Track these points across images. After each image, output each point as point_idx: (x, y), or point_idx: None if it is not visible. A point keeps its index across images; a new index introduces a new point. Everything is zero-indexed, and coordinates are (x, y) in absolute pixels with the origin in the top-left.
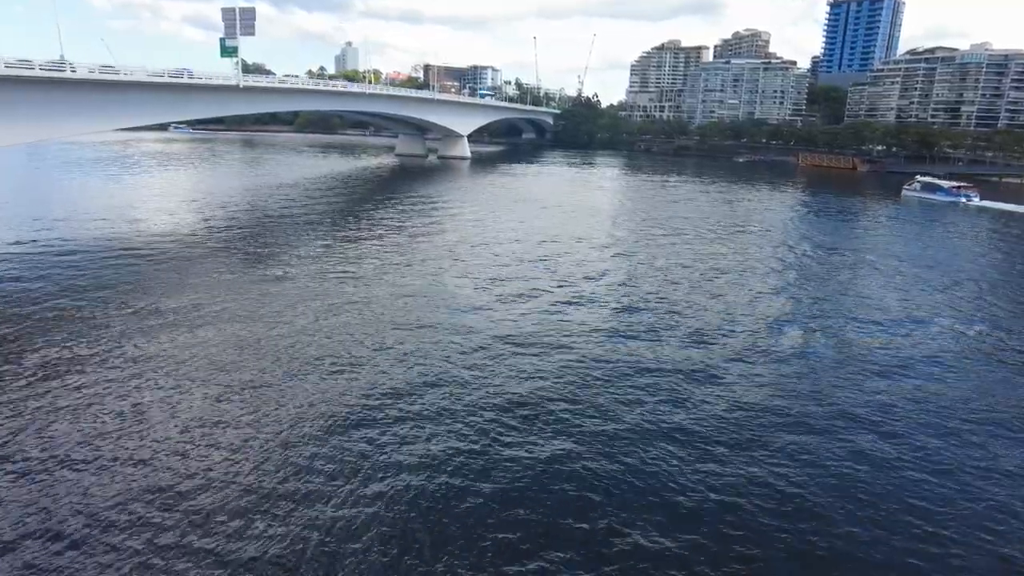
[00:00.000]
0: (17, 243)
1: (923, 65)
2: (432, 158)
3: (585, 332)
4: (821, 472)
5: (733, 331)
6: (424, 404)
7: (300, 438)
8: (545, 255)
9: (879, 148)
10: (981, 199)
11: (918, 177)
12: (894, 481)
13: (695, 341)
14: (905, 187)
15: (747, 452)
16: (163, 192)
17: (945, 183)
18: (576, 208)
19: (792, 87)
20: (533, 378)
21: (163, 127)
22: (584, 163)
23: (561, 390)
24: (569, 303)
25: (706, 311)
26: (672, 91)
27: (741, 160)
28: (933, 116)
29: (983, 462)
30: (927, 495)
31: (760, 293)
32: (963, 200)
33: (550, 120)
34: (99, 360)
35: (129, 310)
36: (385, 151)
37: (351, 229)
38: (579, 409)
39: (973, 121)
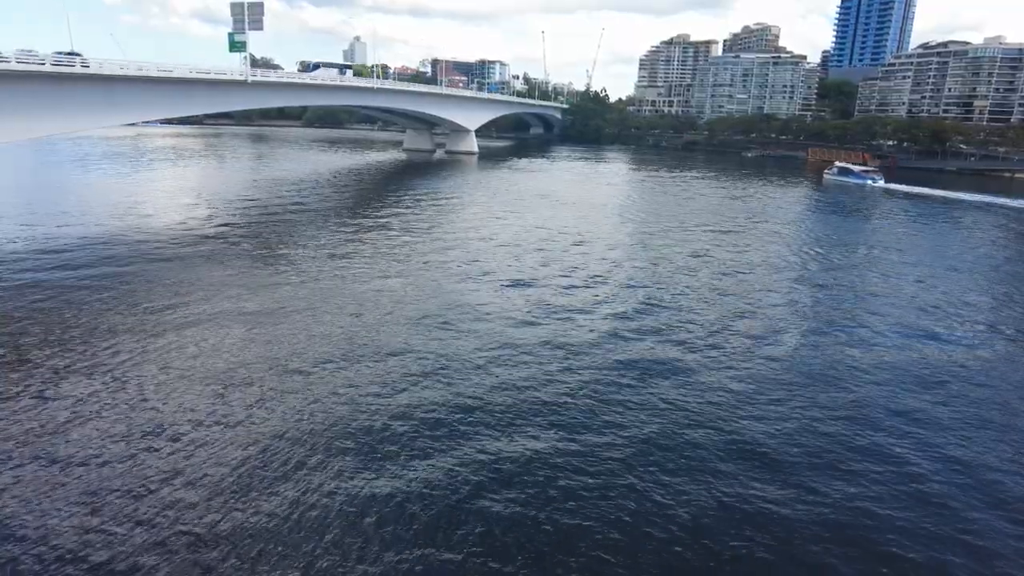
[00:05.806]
0: (48, 238)
1: (935, 59)
2: (440, 153)
3: (596, 323)
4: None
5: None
6: (434, 394)
7: (317, 430)
8: (555, 249)
9: (890, 143)
10: (886, 182)
11: (836, 163)
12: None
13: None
14: (826, 172)
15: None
16: (178, 187)
17: (856, 168)
18: (585, 203)
19: (802, 82)
20: (544, 371)
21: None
22: (592, 158)
23: (566, 381)
24: (578, 293)
25: (700, 298)
26: (681, 86)
27: (750, 155)
28: (945, 111)
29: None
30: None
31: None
32: (868, 182)
33: (558, 115)
34: (106, 358)
35: (138, 306)
36: (393, 146)
37: (361, 225)
38: (587, 403)
39: (986, 116)
